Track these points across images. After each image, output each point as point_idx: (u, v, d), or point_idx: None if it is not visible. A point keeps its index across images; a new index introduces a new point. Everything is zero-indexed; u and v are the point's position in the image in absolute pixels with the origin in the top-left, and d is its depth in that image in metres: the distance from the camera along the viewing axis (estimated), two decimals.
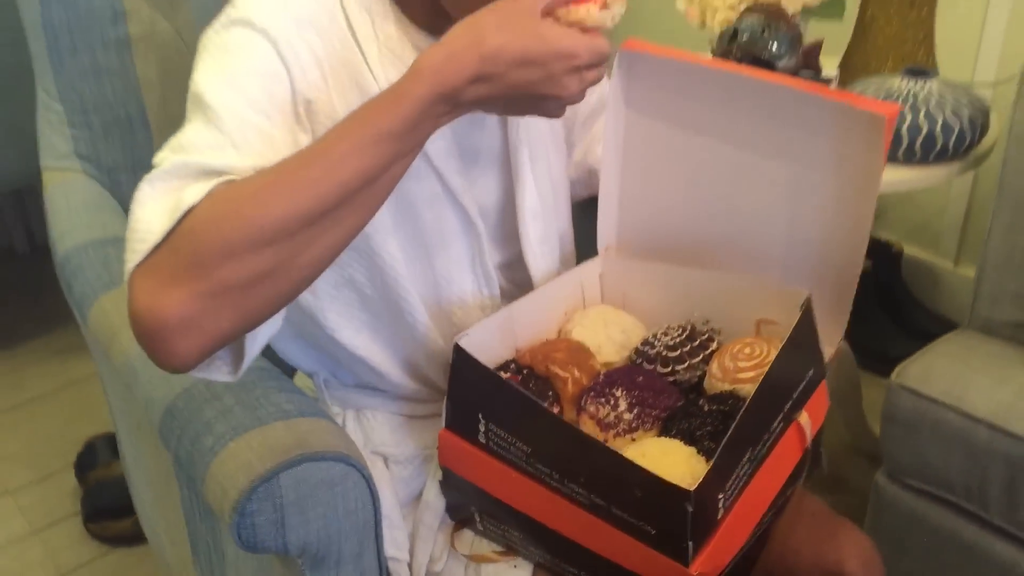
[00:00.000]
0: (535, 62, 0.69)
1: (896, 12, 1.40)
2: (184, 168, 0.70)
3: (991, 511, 1.13)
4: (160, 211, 0.68)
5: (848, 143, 0.86)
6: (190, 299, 0.65)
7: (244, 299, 0.67)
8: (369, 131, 0.68)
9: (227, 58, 0.77)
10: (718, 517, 0.76)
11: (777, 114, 0.89)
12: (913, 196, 1.98)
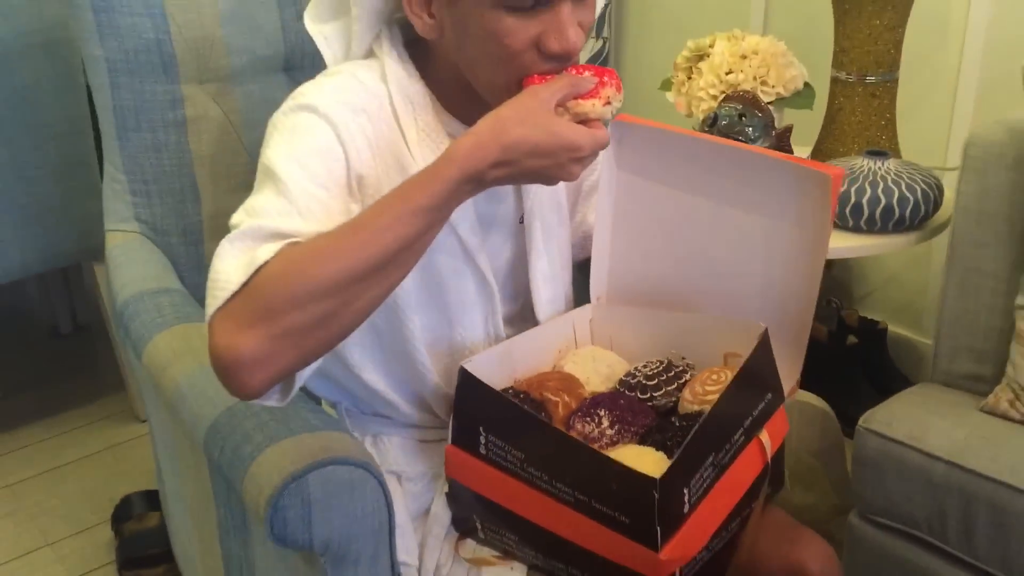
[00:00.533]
0: (546, 153, 0.83)
1: (860, 102, 1.57)
2: (258, 231, 0.85)
3: (950, 542, 1.24)
4: (237, 265, 0.82)
5: (803, 199, 1.01)
6: (262, 340, 0.79)
7: (305, 340, 0.81)
8: (409, 205, 0.82)
9: (295, 138, 0.92)
10: (684, 511, 0.88)
11: (745, 176, 1.04)
12: (897, 278, 2.13)
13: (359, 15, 1.00)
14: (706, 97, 1.53)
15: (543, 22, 0.89)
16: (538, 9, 0.88)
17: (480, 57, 0.92)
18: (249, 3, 1.35)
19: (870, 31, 1.53)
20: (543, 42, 0.89)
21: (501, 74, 0.92)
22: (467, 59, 0.94)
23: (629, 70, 2.55)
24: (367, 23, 1.00)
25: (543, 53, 0.90)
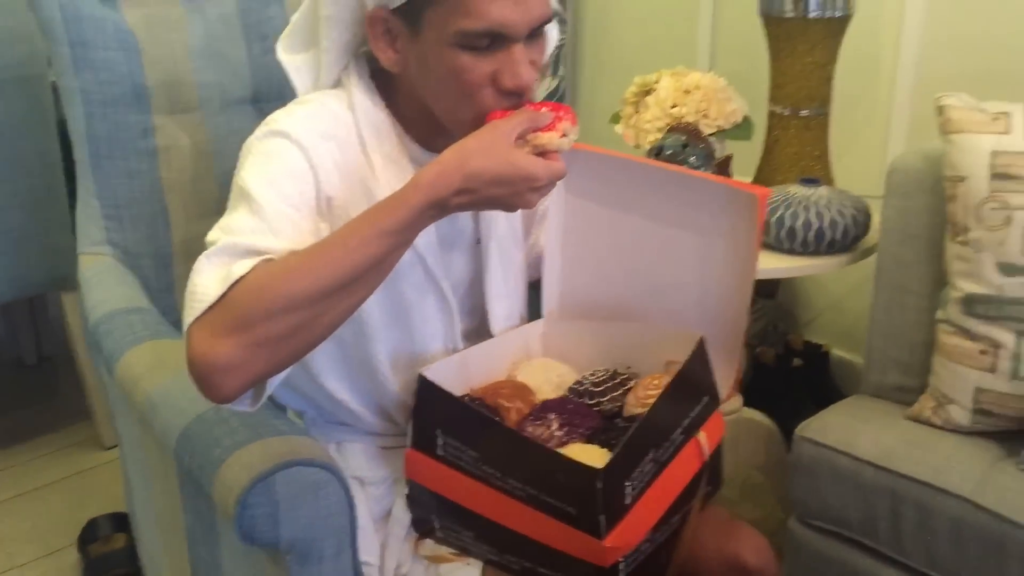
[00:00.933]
0: (506, 182, 0.90)
1: (795, 134, 1.68)
2: (234, 248, 0.91)
3: (881, 542, 1.32)
4: (214, 280, 0.88)
5: (734, 217, 1.10)
6: (236, 349, 0.85)
7: (276, 350, 0.87)
8: (376, 228, 0.88)
9: (268, 162, 0.99)
10: (627, 502, 0.95)
11: (682, 196, 1.13)
12: (839, 304, 2.23)
13: (328, 47, 1.07)
14: (652, 129, 1.63)
15: (498, 61, 0.96)
16: (493, 49, 0.96)
17: (442, 91, 1.00)
18: (218, 39, 1.42)
19: (802, 68, 1.64)
20: (498, 80, 0.97)
21: (462, 109, 0.99)
22: (430, 92, 1.02)
23: (584, 106, 2.65)
24: (335, 55, 1.08)
25: (499, 90, 0.97)
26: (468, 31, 0.94)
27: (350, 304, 0.90)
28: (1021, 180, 1.23)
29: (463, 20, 0.93)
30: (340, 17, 1.05)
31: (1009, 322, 1.26)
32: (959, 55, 1.85)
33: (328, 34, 1.07)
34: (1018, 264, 1.23)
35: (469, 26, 0.94)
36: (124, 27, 1.35)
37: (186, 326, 0.88)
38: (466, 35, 0.94)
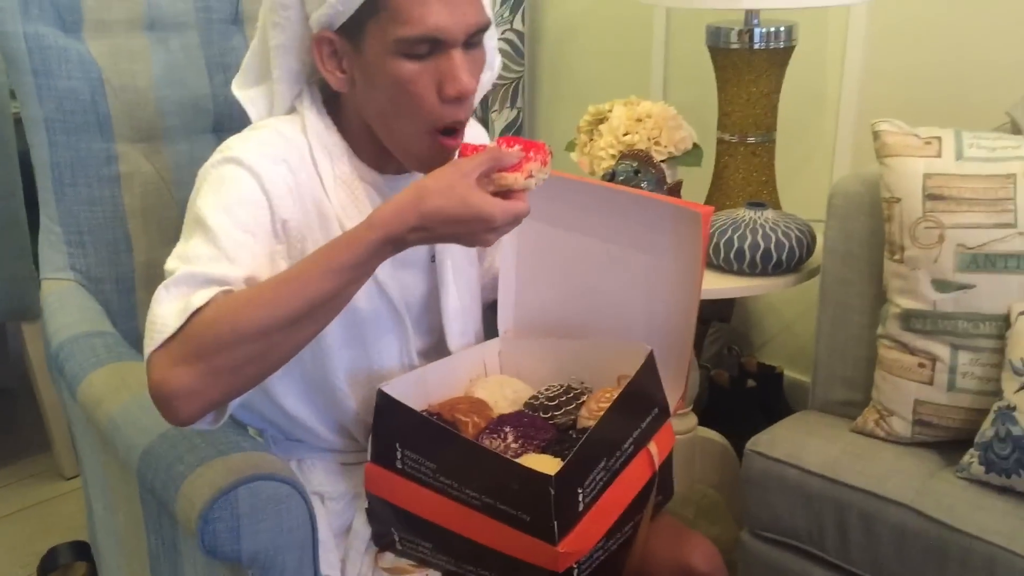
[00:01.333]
0: (461, 223, 0.92)
1: (742, 161, 1.74)
2: (192, 278, 0.94)
3: (828, 551, 1.36)
4: (173, 310, 0.92)
5: (680, 234, 1.15)
6: (193, 377, 0.89)
7: (233, 378, 0.91)
8: (333, 264, 0.91)
9: (222, 189, 1.02)
10: (580, 509, 0.99)
11: (632, 215, 1.18)
12: (791, 327, 2.29)
13: (279, 76, 1.12)
14: (605, 156, 1.68)
15: (439, 68, 1.01)
16: (434, 55, 1.00)
17: (389, 105, 1.04)
18: (181, 69, 1.45)
19: (748, 97, 1.71)
20: (440, 87, 1.01)
21: (410, 122, 1.03)
22: (378, 109, 1.05)
23: (542, 136, 2.71)
24: (286, 83, 1.12)
25: (442, 97, 1.02)
26: (406, 38, 0.98)
27: (307, 335, 0.94)
28: (952, 200, 1.29)
29: (401, 28, 0.98)
30: (289, 45, 1.10)
31: (944, 336, 1.32)
32: (899, 84, 1.94)
33: (278, 63, 1.11)
34: (951, 280, 1.29)
35: (407, 33, 0.98)
36: (88, 57, 1.37)
37: (147, 355, 0.91)
38: (405, 42, 0.99)
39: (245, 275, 0.97)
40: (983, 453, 1.27)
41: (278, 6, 1.08)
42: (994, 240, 1.27)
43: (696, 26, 2.16)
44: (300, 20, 1.08)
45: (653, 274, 1.17)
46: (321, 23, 1.04)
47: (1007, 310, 1.27)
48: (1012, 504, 1.25)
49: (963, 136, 1.34)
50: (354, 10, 1.01)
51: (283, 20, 1.08)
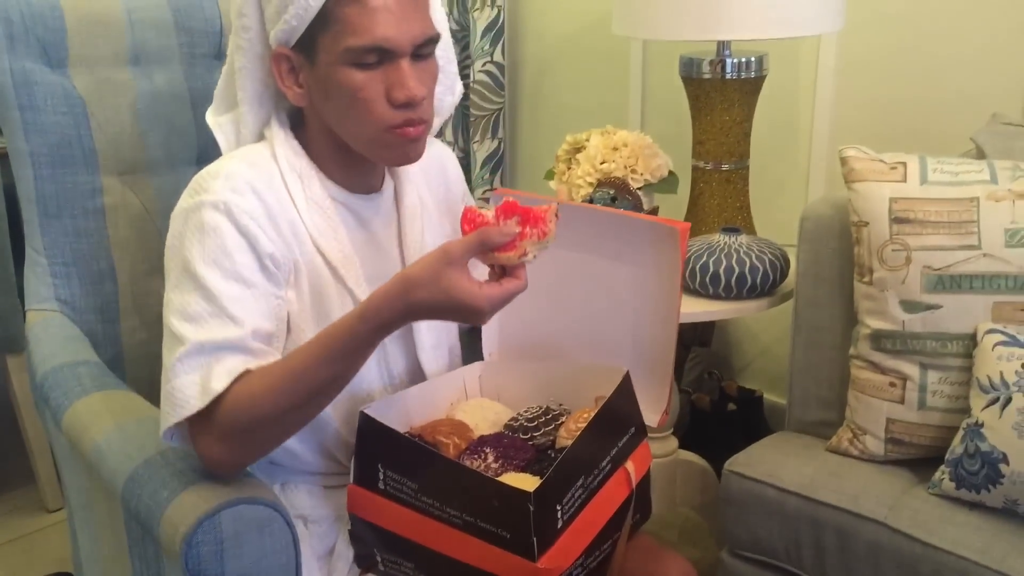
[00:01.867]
0: (447, 312, 0.98)
1: (717, 187, 1.78)
2: (202, 349, 1.02)
3: (806, 568, 1.38)
4: (193, 386, 1.01)
5: (659, 250, 1.18)
6: (229, 452, 1.03)
7: (259, 448, 1.05)
8: (334, 354, 0.99)
9: (206, 240, 1.06)
10: (558, 526, 1.01)
11: (612, 234, 1.21)
12: (769, 351, 2.32)
13: (243, 98, 1.17)
14: (584, 184, 1.72)
15: (388, 76, 1.06)
16: (383, 64, 1.06)
17: (344, 112, 1.09)
18: (165, 102, 1.48)
19: (721, 125, 1.75)
20: (390, 93, 1.07)
21: (365, 127, 1.09)
22: (335, 117, 1.11)
23: (522, 165, 2.75)
24: (250, 105, 1.17)
25: (392, 103, 1.07)
26: (355, 48, 1.04)
27: (321, 407, 1.05)
28: (918, 223, 1.33)
29: (350, 39, 1.04)
30: (251, 67, 1.15)
31: (913, 355, 1.35)
32: (870, 112, 1.99)
33: (242, 84, 1.16)
34: (918, 301, 1.33)
35: (356, 43, 1.04)
36: (73, 92, 1.40)
37: (167, 425, 1.03)
38: (354, 52, 1.05)
39: (250, 330, 1.04)
40: (953, 469, 1.30)
41: (240, 28, 1.14)
42: (959, 261, 1.30)
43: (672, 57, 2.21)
44: (261, 41, 1.14)
45: (635, 289, 1.20)
46: (279, 40, 1.10)
47: (973, 329, 1.30)
48: (983, 519, 1.27)
49: (927, 161, 1.38)
50: (307, 25, 1.06)
51: (245, 42, 1.14)
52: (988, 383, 1.26)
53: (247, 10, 1.11)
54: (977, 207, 1.31)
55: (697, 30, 1.59)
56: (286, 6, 1.06)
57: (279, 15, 1.07)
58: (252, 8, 1.11)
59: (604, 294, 1.23)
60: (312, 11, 1.05)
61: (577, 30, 2.50)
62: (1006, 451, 1.23)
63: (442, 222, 1.31)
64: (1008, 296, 1.29)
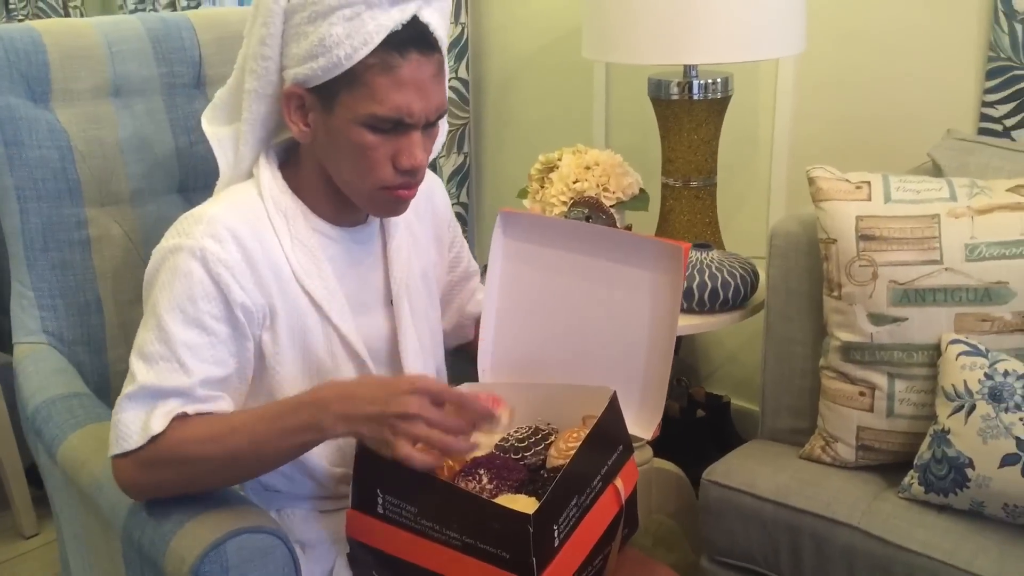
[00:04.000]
0: (357, 393, 1.06)
1: (686, 204, 1.84)
2: (147, 393, 1.08)
3: (783, 573, 1.44)
4: (135, 420, 1.07)
5: (660, 267, 1.22)
6: (143, 478, 1.09)
7: (170, 485, 1.10)
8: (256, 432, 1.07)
9: (175, 284, 1.10)
10: (555, 544, 1.05)
11: (611, 252, 1.25)
12: (736, 358, 2.39)
13: (247, 118, 1.19)
14: (557, 203, 1.76)
15: (398, 142, 1.11)
16: (396, 132, 1.10)
17: (346, 162, 1.13)
18: (147, 133, 1.50)
19: (689, 144, 1.81)
20: (396, 158, 1.11)
21: (364, 182, 1.13)
22: (334, 162, 1.15)
23: (488, 181, 2.79)
24: (253, 125, 1.19)
25: (396, 167, 1.12)
26: (378, 116, 1.08)
27: (250, 474, 1.13)
28: (883, 240, 1.39)
29: (375, 106, 1.08)
30: (262, 92, 1.17)
31: (881, 366, 1.41)
32: (827, 129, 2.06)
33: (249, 106, 1.18)
34: (885, 314, 1.39)
35: (379, 112, 1.08)
36: (57, 125, 1.42)
37: (111, 453, 1.09)
38: (376, 119, 1.09)
39: (198, 379, 1.09)
40: (922, 474, 1.36)
41: (258, 56, 1.15)
42: (923, 276, 1.37)
43: (634, 75, 2.27)
44: (276, 71, 1.16)
45: (634, 306, 1.24)
46: (296, 80, 1.12)
47: (937, 340, 1.37)
48: (951, 521, 1.34)
49: (890, 180, 1.44)
50: (331, 77, 1.09)
51: (260, 69, 1.16)
52: (953, 391, 1.33)
53: (270, 41, 1.12)
54: (938, 224, 1.38)
55: (666, 55, 1.64)
56: (316, 55, 1.08)
57: (306, 60, 1.09)
58: (276, 40, 1.12)
59: (602, 311, 1.27)
60: (342, 68, 1.08)
61: (540, 48, 2.55)
62: (972, 456, 1.30)
63: (429, 250, 1.35)
64: (969, 308, 1.36)
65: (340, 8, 1.07)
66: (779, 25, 1.67)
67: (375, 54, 1.07)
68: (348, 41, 1.07)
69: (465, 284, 1.45)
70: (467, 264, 1.45)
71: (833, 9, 1.98)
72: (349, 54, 1.07)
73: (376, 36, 1.07)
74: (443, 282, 1.41)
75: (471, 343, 1.46)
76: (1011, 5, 1.71)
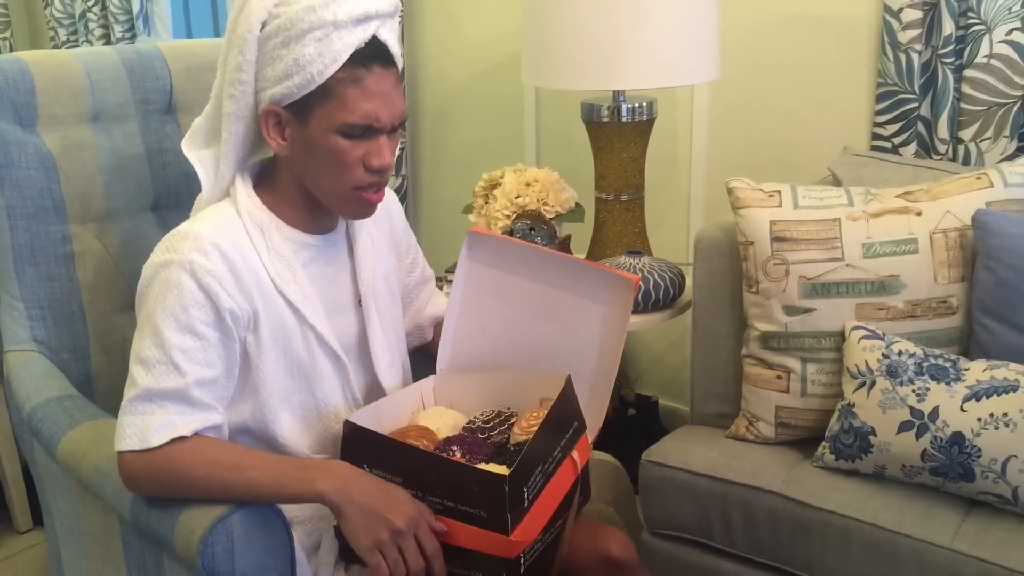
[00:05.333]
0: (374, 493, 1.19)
1: (618, 216, 2.02)
2: (147, 395, 1.20)
3: (716, 539, 1.62)
4: (133, 423, 1.20)
5: (612, 297, 1.38)
6: (142, 478, 1.22)
7: (165, 492, 1.22)
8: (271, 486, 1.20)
9: (168, 294, 1.22)
10: (525, 504, 1.20)
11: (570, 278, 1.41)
12: (662, 360, 2.58)
13: (227, 139, 1.31)
14: (501, 217, 1.93)
15: (367, 146, 1.25)
16: (365, 137, 1.25)
17: (322, 169, 1.27)
18: (124, 156, 1.61)
19: (620, 162, 2.00)
20: (367, 160, 1.26)
21: (338, 184, 1.27)
22: (312, 171, 1.28)
23: (427, 199, 2.94)
24: (233, 145, 1.32)
25: (368, 168, 1.26)
26: (350, 123, 1.23)
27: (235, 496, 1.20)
28: (793, 241, 1.59)
29: (347, 115, 1.23)
30: (239, 114, 1.30)
31: (795, 351, 1.61)
32: (739, 147, 2.28)
33: (228, 127, 1.31)
34: (797, 306, 1.59)
35: (351, 119, 1.23)
36: (43, 149, 1.52)
37: (116, 448, 1.21)
38: (348, 126, 1.24)
39: (192, 380, 1.21)
40: (832, 444, 1.56)
41: (235, 81, 1.28)
42: (827, 271, 1.57)
43: (562, 100, 2.46)
44: (252, 94, 1.29)
45: (585, 326, 1.40)
46: (273, 99, 1.26)
47: (842, 327, 1.58)
48: (858, 484, 1.54)
49: (798, 189, 1.65)
50: (305, 93, 1.24)
51: (238, 93, 1.29)
52: (856, 370, 1.53)
53: (246, 67, 1.26)
54: (839, 226, 1.59)
55: (597, 81, 1.83)
56: (292, 74, 1.22)
57: (282, 79, 1.23)
58: (251, 66, 1.26)
59: (556, 326, 1.42)
60: (315, 84, 1.22)
61: (474, 75, 2.72)
62: (874, 425, 1.50)
63: (388, 256, 1.50)
64: (867, 298, 1.57)
65: (311, 31, 1.21)
66: (696, 55, 1.87)
67: (343, 69, 1.22)
68: (319, 59, 1.22)
69: (422, 287, 1.60)
70: (423, 269, 1.60)
71: (743, 41, 2.20)
72: (321, 71, 1.22)
73: (343, 53, 1.22)
74: (402, 285, 1.56)
75: (430, 344, 1.61)
76: (896, 37, 1.94)
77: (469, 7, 2.66)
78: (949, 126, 1.91)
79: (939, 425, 1.43)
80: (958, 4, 1.86)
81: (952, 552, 1.41)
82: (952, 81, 1.88)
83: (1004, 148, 1.87)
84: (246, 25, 1.25)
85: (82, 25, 3.17)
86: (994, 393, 1.42)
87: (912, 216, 1.57)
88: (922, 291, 1.55)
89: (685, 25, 1.83)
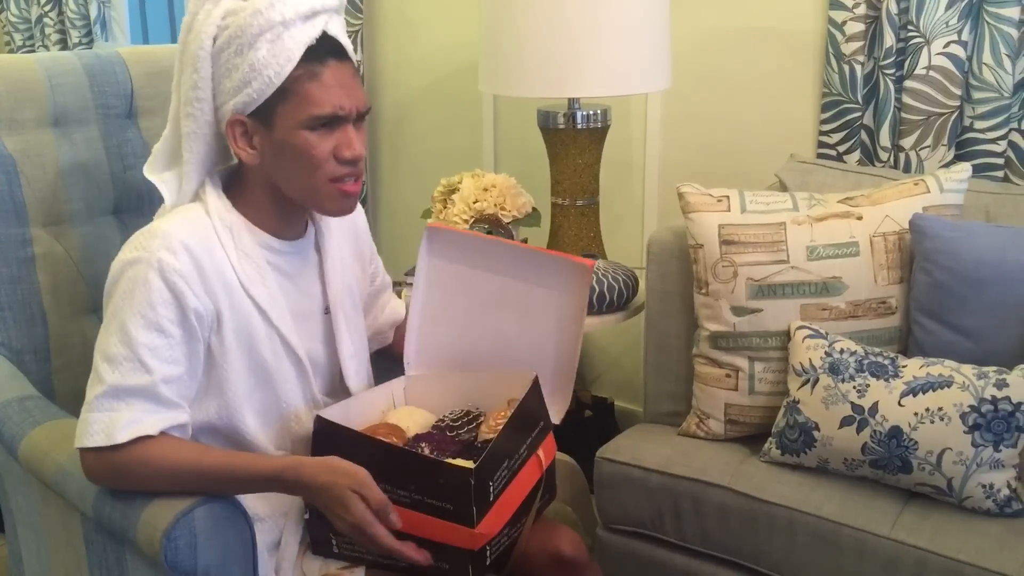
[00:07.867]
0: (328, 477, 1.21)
1: (574, 220, 2.07)
2: (115, 392, 1.22)
3: (668, 533, 1.67)
4: (99, 421, 1.21)
5: (570, 282, 1.43)
6: (105, 474, 1.24)
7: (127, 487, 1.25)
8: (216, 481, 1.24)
9: (136, 292, 1.24)
10: (491, 498, 1.23)
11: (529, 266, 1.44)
12: (618, 362, 2.63)
13: (188, 159, 1.33)
14: (460, 221, 1.97)
15: (336, 138, 1.28)
16: (332, 128, 1.28)
17: (295, 169, 1.29)
18: (84, 159, 1.62)
19: (575, 168, 2.05)
20: (338, 152, 1.28)
21: (312, 180, 1.29)
22: (285, 173, 1.30)
23: (386, 204, 2.97)
24: (195, 165, 1.34)
25: (339, 160, 1.28)
26: (316, 116, 1.26)
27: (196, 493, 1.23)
28: (741, 244, 1.65)
29: (311, 108, 1.26)
30: (199, 132, 1.32)
31: (743, 351, 1.67)
32: (690, 154, 2.34)
33: (189, 147, 1.33)
34: (745, 306, 1.65)
35: (317, 112, 1.26)
36: (4, 152, 1.53)
37: (78, 445, 1.23)
38: (314, 119, 1.26)
39: (159, 377, 1.23)
40: (778, 440, 1.62)
41: (192, 100, 1.30)
42: (773, 273, 1.64)
43: (520, 108, 2.51)
44: (210, 111, 1.31)
45: (546, 311, 1.44)
46: (236, 109, 1.28)
47: (787, 327, 1.64)
48: (803, 477, 1.60)
49: (745, 194, 1.71)
50: (266, 97, 1.26)
51: (196, 111, 1.31)
52: (801, 368, 1.59)
53: (202, 84, 1.28)
54: (785, 230, 1.65)
55: (552, 88, 1.88)
56: (250, 81, 1.25)
57: (241, 88, 1.26)
58: (207, 82, 1.28)
59: (518, 315, 1.46)
60: (274, 86, 1.25)
61: (431, 83, 2.76)
62: (817, 420, 1.56)
63: (353, 265, 1.52)
64: (811, 299, 1.63)
65: (262, 33, 1.25)
66: (648, 65, 1.93)
67: (299, 67, 1.25)
68: (274, 60, 1.25)
69: (382, 293, 1.64)
70: (383, 277, 1.64)
71: (694, 52, 2.27)
72: (278, 71, 1.25)
73: (296, 51, 1.25)
74: (365, 293, 1.59)
75: (390, 347, 1.65)
76: (840, 49, 2.02)
77: (427, 16, 2.71)
78: (891, 135, 1.99)
79: (878, 420, 1.50)
80: (898, 17, 1.94)
81: (891, 541, 1.47)
82: (893, 92, 1.96)
83: (943, 156, 1.95)
84: (197, 43, 1.27)
85: (38, 30, 3.16)
86: (930, 389, 1.49)
87: (853, 220, 1.64)
88: (863, 292, 1.62)
89: (638, 36, 1.88)
